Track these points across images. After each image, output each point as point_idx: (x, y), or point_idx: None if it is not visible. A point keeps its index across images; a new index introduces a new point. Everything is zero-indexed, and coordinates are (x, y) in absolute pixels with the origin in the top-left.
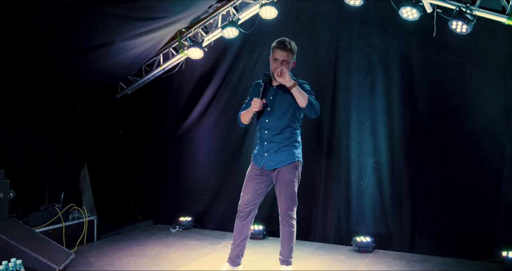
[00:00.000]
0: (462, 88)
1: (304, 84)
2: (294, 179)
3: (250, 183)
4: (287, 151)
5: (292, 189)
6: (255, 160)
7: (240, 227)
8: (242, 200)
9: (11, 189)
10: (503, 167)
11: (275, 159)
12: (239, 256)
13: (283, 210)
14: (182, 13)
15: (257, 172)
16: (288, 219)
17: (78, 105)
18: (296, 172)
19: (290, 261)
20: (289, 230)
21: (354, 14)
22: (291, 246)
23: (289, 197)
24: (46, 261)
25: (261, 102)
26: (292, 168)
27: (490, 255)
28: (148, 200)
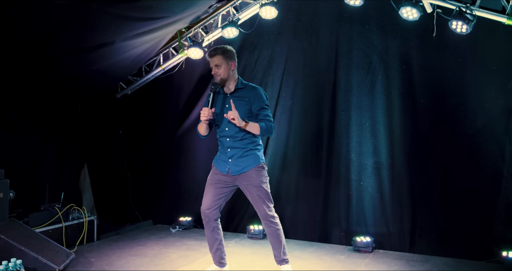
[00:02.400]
0: (462, 88)
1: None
2: (264, 180)
3: (211, 188)
4: (251, 154)
5: (265, 190)
6: (217, 165)
7: (210, 234)
8: (202, 205)
9: (11, 189)
10: (503, 167)
11: (241, 163)
12: (223, 257)
13: (262, 212)
14: (182, 13)
15: (220, 176)
16: (270, 220)
17: (78, 105)
18: (263, 172)
19: (286, 259)
20: (274, 229)
21: (354, 14)
22: (283, 245)
23: (264, 198)
24: (46, 261)
25: (209, 111)
26: (258, 169)
27: (490, 255)
28: (148, 200)
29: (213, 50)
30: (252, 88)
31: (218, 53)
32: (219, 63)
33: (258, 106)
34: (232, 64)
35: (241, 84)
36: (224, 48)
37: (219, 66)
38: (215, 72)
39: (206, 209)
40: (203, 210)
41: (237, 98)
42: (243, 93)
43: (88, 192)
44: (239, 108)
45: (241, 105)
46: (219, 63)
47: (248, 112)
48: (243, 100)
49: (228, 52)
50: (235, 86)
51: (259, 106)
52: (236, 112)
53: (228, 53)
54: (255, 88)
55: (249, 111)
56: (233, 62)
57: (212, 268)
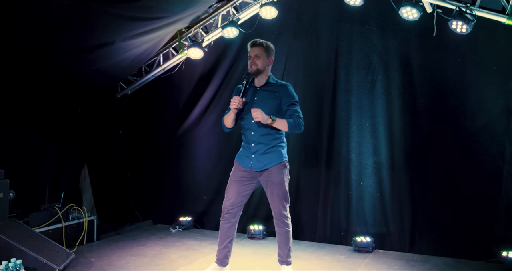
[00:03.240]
0: (462, 88)
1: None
2: (285, 178)
3: (235, 185)
4: (275, 151)
5: (284, 188)
6: (240, 161)
7: (226, 229)
8: (227, 201)
9: (11, 189)
10: (503, 167)
11: (263, 160)
12: (227, 256)
13: (277, 210)
14: (182, 13)
15: (243, 173)
16: (283, 220)
17: (78, 105)
18: (285, 171)
19: (289, 261)
20: (285, 230)
21: (354, 14)
22: (289, 246)
23: (282, 197)
24: (46, 261)
25: (240, 100)
26: (281, 167)
27: (490, 255)
28: (148, 200)
29: (257, 40)
30: (282, 84)
31: (262, 45)
32: (259, 54)
33: (288, 102)
34: (270, 60)
35: (272, 80)
36: (268, 43)
37: (258, 57)
38: (253, 62)
39: (230, 206)
40: (226, 206)
41: (267, 92)
42: (273, 88)
43: (88, 192)
44: (268, 103)
45: (270, 100)
46: (259, 54)
47: (277, 107)
48: (272, 95)
49: (270, 48)
50: (266, 80)
51: (289, 102)
52: (259, 111)
53: (270, 49)
54: (285, 85)
55: (278, 107)
56: (272, 58)
57: (212, 267)
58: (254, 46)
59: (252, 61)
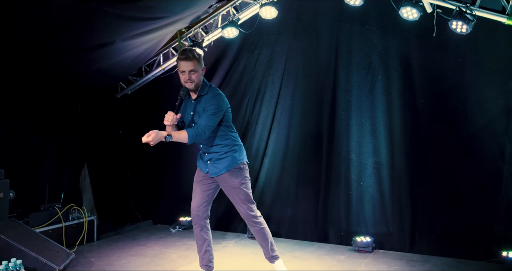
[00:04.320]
0: (462, 88)
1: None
2: (242, 181)
3: (197, 186)
4: (227, 157)
5: (243, 191)
6: (199, 164)
7: (198, 233)
8: (192, 202)
9: (11, 189)
10: (503, 167)
11: (218, 166)
12: (211, 260)
13: (243, 213)
14: (182, 13)
15: (203, 174)
16: (252, 220)
17: (78, 105)
18: (242, 173)
19: (276, 255)
20: (258, 228)
21: (354, 14)
22: (269, 242)
23: (244, 199)
24: (46, 261)
25: (173, 117)
26: (236, 171)
27: (490, 255)
28: (148, 200)
29: (189, 52)
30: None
31: (195, 57)
32: (195, 69)
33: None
34: (203, 70)
35: (203, 89)
36: (198, 52)
37: (194, 71)
38: (190, 78)
39: (196, 207)
40: (193, 208)
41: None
42: (202, 101)
43: (88, 192)
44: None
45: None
46: (195, 69)
47: None
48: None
49: (201, 57)
50: (199, 92)
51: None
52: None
53: (201, 58)
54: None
55: None
56: (204, 68)
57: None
58: (188, 60)
59: (189, 78)
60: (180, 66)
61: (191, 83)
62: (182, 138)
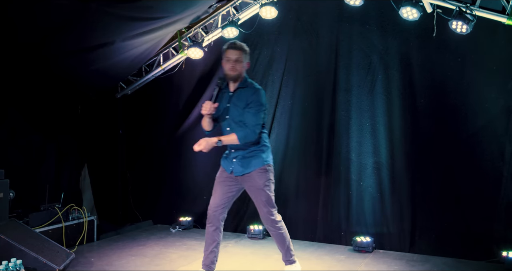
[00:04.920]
0: (462, 88)
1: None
2: (266, 183)
3: (218, 186)
4: (255, 156)
5: (266, 193)
6: (223, 164)
7: (210, 233)
8: (211, 202)
9: (11, 189)
10: (503, 167)
11: (244, 164)
12: (214, 262)
13: (263, 215)
14: (182, 13)
15: (226, 174)
16: (272, 224)
17: (78, 105)
18: (267, 175)
19: (292, 260)
20: (277, 233)
21: (354, 14)
22: (286, 246)
23: (265, 202)
24: (46, 261)
25: (211, 106)
26: (261, 172)
27: (490, 255)
28: (148, 200)
29: (237, 43)
30: (251, 89)
31: (243, 49)
32: (240, 59)
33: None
34: (247, 64)
35: (244, 83)
36: (246, 47)
37: (239, 61)
38: (233, 66)
39: (214, 208)
40: (210, 207)
41: (239, 97)
42: (242, 93)
43: (88, 192)
44: (239, 109)
45: (238, 107)
46: (240, 58)
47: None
48: (240, 101)
49: (248, 52)
50: (238, 85)
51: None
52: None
53: (248, 53)
54: (255, 90)
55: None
56: (249, 63)
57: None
58: (235, 49)
59: (233, 66)
60: (226, 54)
61: (234, 72)
62: (232, 140)
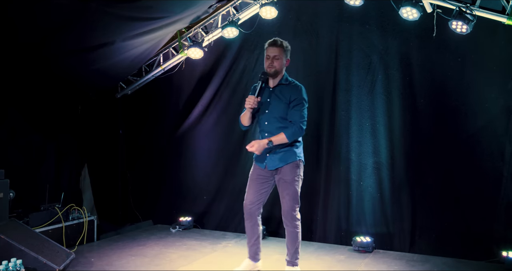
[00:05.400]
0: (462, 88)
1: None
2: (296, 178)
3: (253, 183)
4: (288, 151)
5: (294, 188)
6: (257, 160)
7: (250, 228)
8: (246, 200)
9: (11, 189)
10: (503, 167)
11: (277, 159)
12: (257, 253)
13: (286, 209)
14: (182, 13)
15: (260, 171)
16: (291, 220)
17: (78, 105)
18: (298, 170)
19: (295, 262)
20: (292, 230)
21: (354, 14)
22: (295, 247)
23: (292, 196)
24: (46, 261)
25: (255, 99)
26: (293, 167)
27: (490, 255)
28: (148, 200)
29: (278, 40)
30: (294, 86)
31: (282, 46)
32: (278, 56)
33: (293, 103)
34: (287, 61)
35: (285, 80)
36: (287, 44)
37: (277, 58)
38: (272, 63)
39: (250, 204)
40: (246, 205)
41: (279, 93)
42: (284, 90)
43: (88, 192)
44: (280, 105)
45: (281, 102)
46: (279, 55)
47: (286, 109)
48: (283, 97)
49: (289, 49)
50: (279, 81)
51: (294, 103)
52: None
53: (288, 50)
54: (296, 86)
55: (287, 109)
56: (288, 60)
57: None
58: (274, 46)
59: (271, 62)
60: (266, 51)
61: (272, 68)
62: (281, 139)
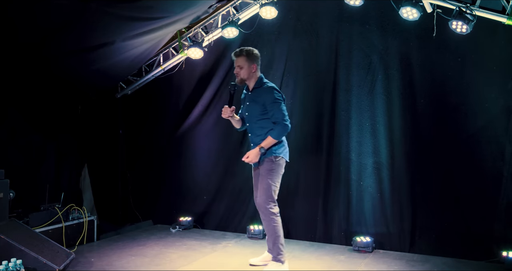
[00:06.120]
0: (462, 88)
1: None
2: (269, 172)
3: (253, 180)
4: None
5: (267, 181)
6: None
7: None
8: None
9: (11, 189)
10: (503, 167)
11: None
12: None
13: (259, 202)
14: (182, 13)
15: (254, 168)
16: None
17: (78, 105)
18: (272, 165)
19: (278, 258)
20: (267, 224)
21: (354, 14)
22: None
23: (265, 189)
24: (46, 261)
25: (228, 110)
26: (268, 161)
27: (490, 255)
28: (148, 200)
29: (239, 50)
30: (265, 89)
31: (242, 54)
32: (241, 65)
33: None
34: (253, 67)
35: (259, 83)
36: (248, 51)
37: (241, 67)
38: (237, 72)
39: (255, 199)
40: (255, 200)
41: (254, 97)
42: (258, 93)
43: (88, 192)
44: (255, 107)
45: (256, 104)
46: (241, 64)
47: (262, 110)
48: (257, 99)
49: (252, 56)
50: (254, 85)
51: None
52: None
53: (252, 56)
54: (266, 88)
55: (263, 110)
56: (255, 65)
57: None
58: (236, 56)
59: (237, 72)
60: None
61: (237, 77)
62: (271, 142)
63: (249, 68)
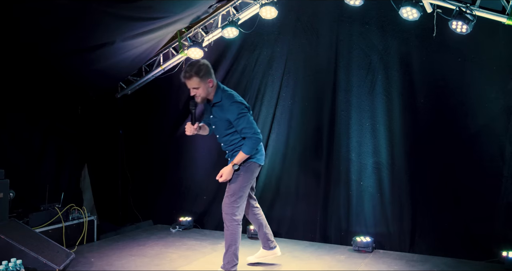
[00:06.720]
0: (462, 88)
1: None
2: (236, 177)
3: None
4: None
5: (233, 185)
6: None
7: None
8: None
9: (11, 189)
10: (503, 167)
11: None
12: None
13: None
14: (182, 13)
15: None
16: (225, 215)
17: (78, 105)
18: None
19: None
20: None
21: (354, 14)
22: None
23: (229, 193)
24: (46, 261)
25: (192, 128)
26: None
27: (490, 255)
28: (148, 200)
29: (188, 72)
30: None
31: (193, 75)
32: (196, 86)
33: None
34: (210, 82)
35: (219, 97)
36: (198, 69)
37: (196, 88)
38: (195, 94)
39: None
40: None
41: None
42: (218, 110)
43: (88, 192)
44: (221, 120)
45: (219, 120)
46: (196, 85)
47: (228, 126)
48: (220, 112)
49: (203, 72)
50: (213, 101)
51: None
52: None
53: (203, 73)
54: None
55: (229, 126)
56: (211, 80)
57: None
58: (187, 79)
59: (194, 93)
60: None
61: (198, 98)
62: (242, 157)
63: (205, 85)
